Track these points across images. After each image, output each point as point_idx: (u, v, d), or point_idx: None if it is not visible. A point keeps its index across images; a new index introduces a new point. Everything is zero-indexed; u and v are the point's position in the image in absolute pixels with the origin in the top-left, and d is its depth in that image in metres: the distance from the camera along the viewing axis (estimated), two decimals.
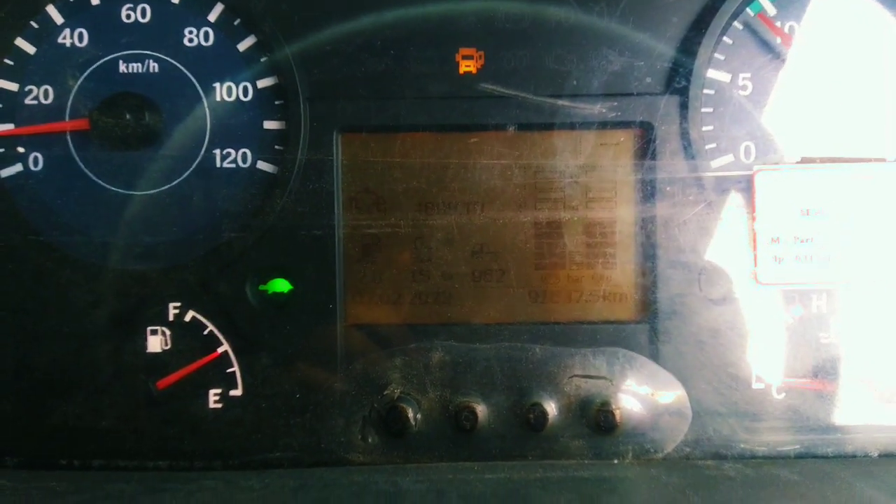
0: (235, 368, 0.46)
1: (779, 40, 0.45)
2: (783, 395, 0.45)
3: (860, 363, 0.45)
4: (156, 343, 0.46)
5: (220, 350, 0.46)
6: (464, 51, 0.46)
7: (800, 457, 0.45)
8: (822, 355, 0.45)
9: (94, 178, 0.46)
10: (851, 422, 0.45)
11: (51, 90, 0.46)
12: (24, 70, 0.46)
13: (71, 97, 0.46)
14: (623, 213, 0.46)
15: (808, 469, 0.43)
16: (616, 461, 0.44)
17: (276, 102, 0.46)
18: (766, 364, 0.45)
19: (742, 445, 0.45)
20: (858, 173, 0.44)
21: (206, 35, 0.46)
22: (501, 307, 0.46)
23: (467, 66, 0.46)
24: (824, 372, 0.45)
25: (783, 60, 0.45)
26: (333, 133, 0.46)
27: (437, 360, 0.45)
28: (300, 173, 0.45)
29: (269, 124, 0.46)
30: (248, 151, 0.46)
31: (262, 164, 0.46)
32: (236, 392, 0.46)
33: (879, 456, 0.45)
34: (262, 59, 0.46)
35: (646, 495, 0.40)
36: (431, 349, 0.45)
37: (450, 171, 0.46)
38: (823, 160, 0.45)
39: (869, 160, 0.44)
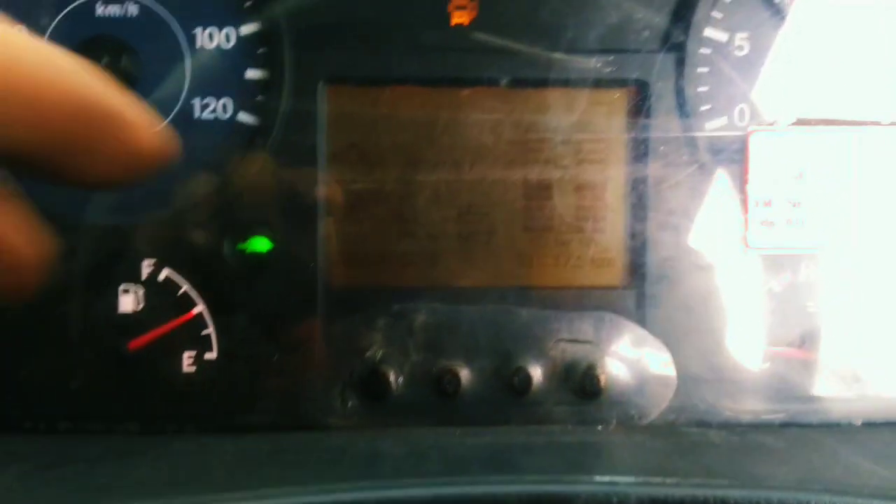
0: (211, 330, 0.44)
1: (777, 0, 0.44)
2: (769, 363, 0.45)
3: (846, 332, 0.45)
4: (128, 302, 0.44)
5: (194, 311, 0.44)
6: (456, 1, 0.44)
7: (784, 425, 0.45)
8: (809, 323, 0.45)
9: None
10: (836, 391, 0.45)
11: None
12: None
13: (45, 40, 0.43)
14: (614, 174, 0.45)
15: (793, 436, 0.43)
16: (600, 427, 0.44)
17: (260, 50, 0.44)
18: (753, 331, 0.45)
19: (727, 413, 0.45)
20: (853, 137, 0.44)
21: None
22: (488, 269, 0.45)
23: (459, 17, 0.44)
24: (810, 340, 0.45)
25: (781, 21, 0.44)
26: (318, 84, 0.44)
27: (421, 322, 0.44)
28: (282, 125, 0.44)
29: (252, 73, 0.44)
30: (228, 101, 0.44)
31: (242, 116, 0.44)
32: (211, 355, 0.44)
33: (863, 424, 0.45)
34: (246, 5, 0.44)
35: (630, 460, 0.39)
36: (415, 311, 0.44)
37: (439, 127, 0.44)
38: (818, 122, 0.44)
39: (865, 123, 0.44)
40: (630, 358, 0.44)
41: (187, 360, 0.44)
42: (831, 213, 0.44)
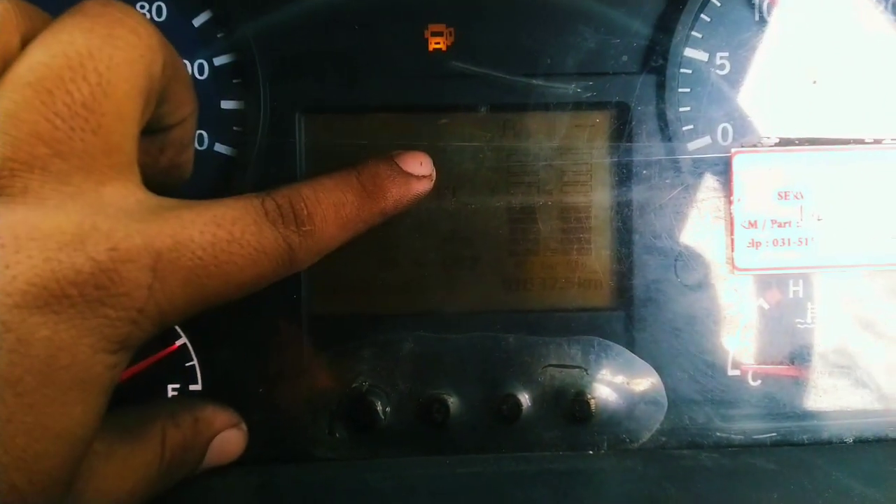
0: (195, 362, 0.44)
1: (757, 17, 0.44)
2: (759, 382, 0.45)
3: (836, 349, 0.45)
4: None
5: (178, 343, 0.43)
6: (433, 27, 0.43)
7: (776, 444, 0.44)
8: (798, 341, 0.45)
9: None
10: (827, 408, 0.45)
11: None
12: None
13: None
14: (598, 198, 0.44)
15: (785, 457, 0.42)
16: (591, 452, 0.44)
17: (234, 81, 0.43)
18: (742, 351, 0.45)
19: (718, 434, 0.44)
20: (837, 156, 0.44)
21: (159, 10, 0.43)
22: (474, 295, 0.45)
23: (437, 44, 0.43)
24: (800, 358, 0.45)
25: (762, 39, 0.44)
26: (295, 114, 0.43)
27: (407, 351, 0.44)
28: (260, 156, 0.43)
29: (227, 104, 0.43)
30: (204, 133, 0.43)
31: (219, 147, 0.44)
32: (196, 387, 0.43)
33: (854, 441, 0.45)
34: (219, 35, 0.43)
35: (621, 488, 0.39)
36: (401, 340, 0.44)
37: None
38: (802, 142, 0.44)
39: (847, 142, 0.44)
40: (619, 382, 0.44)
41: (171, 393, 0.44)
42: (817, 232, 0.44)
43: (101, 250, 0.27)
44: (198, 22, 0.43)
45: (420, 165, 0.38)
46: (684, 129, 0.44)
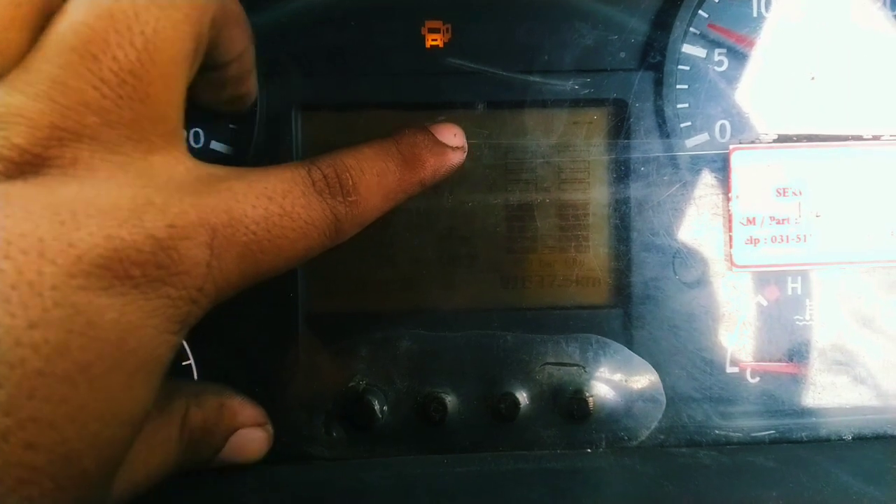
0: (191, 361, 0.43)
1: (756, 13, 0.43)
2: (757, 379, 0.45)
3: (834, 346, 0.45)
4: None
5: None
6: (430, 23, 0.43)
7: (774, 442, 0.44)
8: (797, 338, 0.45)
9: None
10: (825, 405, 0.45)
11: None
12: None
13: None
14: (596, 195, 0.44)
15: (784, 455, 0.42)
16: (589, 450, 0.43)
17: None
18: (741, 348, 0.44)
19: (717, 431, 0.44)
20: (835, 152, 0.43)
21: None
22: (471, 293, 0.44)
23: (434, 40, 0.43)
24: (799, 355, 0.45)
25: (759, 34, 0.44)
26: (292, 111, 0.43)
27: (405, 349, 0.44)
28: (256, 154, 0.43)
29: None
30: (200, 131, 0.43)
31: (215, 144, 0.43)
32: None
33: (853, 439, 0.44)
34: None
35: (620, 487, 0.39)
36: (398, 338, 0.44)
37: None
38: (800, 138, 0.44)
39: (846, 138, 0.44)
40: (617, 379, 0.44)
41: None
42: (815, 228, 0.43)
43: (160, 227, 0.26)
44: None
45: (454, 136, 0.38)
46: (682, 125, 0.44)
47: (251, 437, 0.40)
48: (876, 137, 0.44)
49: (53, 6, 0.28)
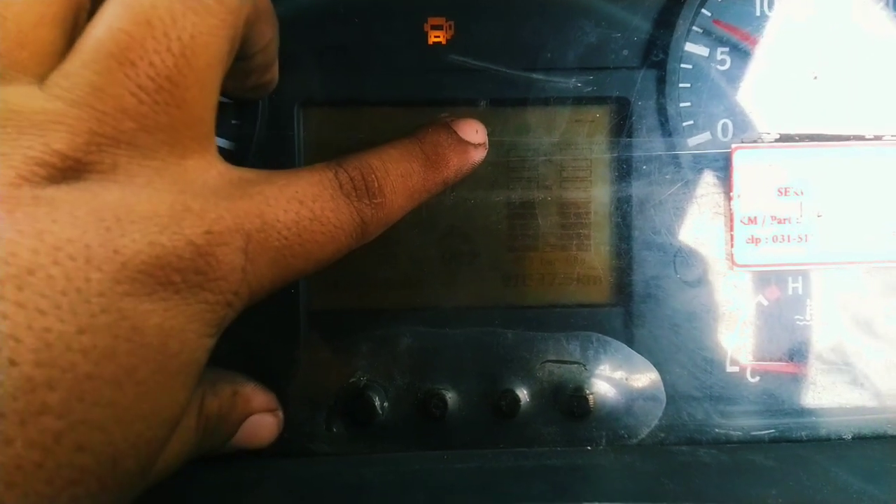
0: None
1: (759, 12, 0.43)
2: (758, 378, 0.45)
3: (835, 346, 0.45)
4: None
5: None
6: (433, 20, 0.43)
7: (774, 441, 0.44)
8: (797, 337, 0.45)
9: None
10: (825, 405, 0.45)
11: None
12: None
13: None
14: (598, 193, 0.44)
15: (783, 454, 0.42)
16: (589, 447, 0.43)
17: None
18: (741, 347, 0.44)
19: (717, 430, 0.44)
20: (837, 152, 0.43)
21: None
22: (472, 291, 0.44)
23: (436, 37, 0.43)
24: (799, 355, 0.45)
25: (762, 33, 0.44)
26: (294, 107, 0.43)
27: (406, 346, 0.44)
28: (258, 150, 0.43)
29: (225, 97, 0.43)
30: None
31: (218, 140, 0.43)
32: None
33: (853, 438, 0.44)
34: None
35: (619, 484, 0.39)
36: (399, 335, 0.44)
37: None
38: (802, 138, 0.44)
39: (848, 138, 0.44)
40: (618, 377, 0.44)
41: None
42: (817, 228, 0.43)
43: (198, 233, 0.27)
44: None
45: (476, 133, 0.38)
46: (684, 124, 0.44)
47: (262, 422, 0.40)
48: (878, 137, 0.44)
49: (83, 4, 0.28)
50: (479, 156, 0.38)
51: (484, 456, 0.42)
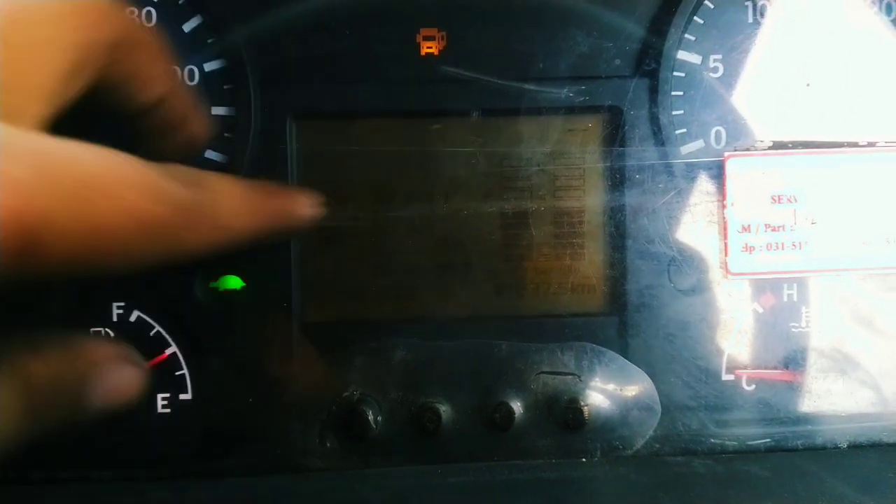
0: (185, 371, 0.43)
1: (751, 20, 0.43)
2: (753, 386, 0.44)
3: (830, 353, 0.45)
4: None
5: (167, 352, 0.43)
6: (425, 31, 0.43)
7: (770, 450, 0.44)
8: (793, 345, 0.45)
9: None
10: (821, 413, 0.45)
11: None
12: None
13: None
14: (591, 202, 0.44)
15: (779, 464, 0.42)
16: (584, 459, 0.43)
17: (225, 87, 0.43)
18: (736, 356, 0.44)
19: (712, 440, 0.44)
20: (831, 159, 0.43)
21: (149, 15, 0.43)
22: (466, 301, 0.44)
23: (429, 48, 0.43)
24: (794, 363, 0.44)
25: (755, 41, 0.43)
26: (287, 120, 0.43)
27: (399, 358, 0.43)
28: (252, 163, 0.43)
29: (218, 110, 0.43)
30: None
31: (210, 154, 0.43)
32: (186, 396, 0.43)
33: (848, 447, 0.44)
34: (210, 41, 0.43)
35: (614, 497, 0.39)
36: (393, 347, 0.43)
37: (411, 160, 0.43)
38: (795, 145, 0.43)
39: (841, 145, 0.44)
40: (613, 388, 0.44)
41: (161, 403, 0.43)
42: (811, 235, 0.43)
43: None
44: (188, 27, 0.43)
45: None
46: (677, 132, 0.43)
47: (119, 375, 0.36)
48: (871, 144, 0.44)
49: None
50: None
51: (478, 469, 0.42)
